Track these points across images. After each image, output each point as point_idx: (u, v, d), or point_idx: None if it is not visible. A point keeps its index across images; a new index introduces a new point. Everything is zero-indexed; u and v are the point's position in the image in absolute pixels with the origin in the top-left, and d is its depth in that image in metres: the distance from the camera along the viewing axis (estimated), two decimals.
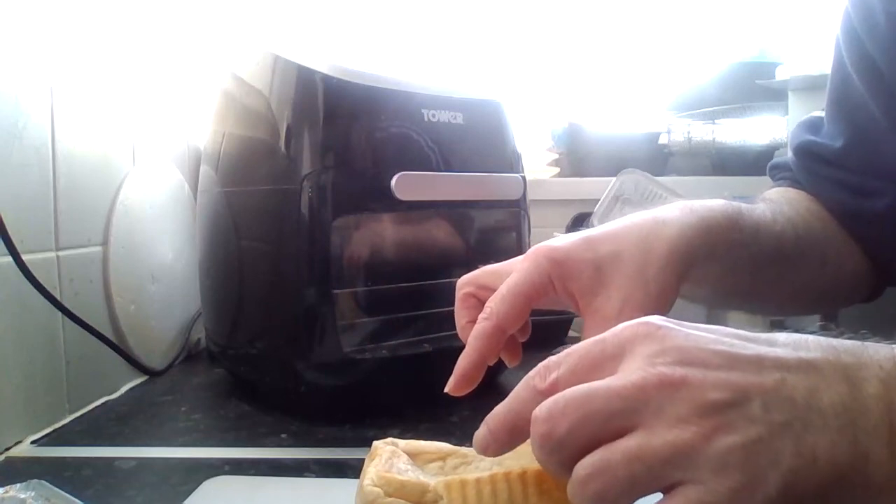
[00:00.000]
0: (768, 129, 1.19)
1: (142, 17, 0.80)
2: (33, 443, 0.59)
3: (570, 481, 0.26)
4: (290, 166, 0.60)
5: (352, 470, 0.50)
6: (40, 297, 0.59)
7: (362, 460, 0.36)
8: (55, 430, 0.62)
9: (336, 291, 0.61)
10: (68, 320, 0.63)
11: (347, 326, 0.62)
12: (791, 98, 1.09)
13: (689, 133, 1.22)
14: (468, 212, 0.71)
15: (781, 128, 1.17)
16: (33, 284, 0.58)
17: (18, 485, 0.38)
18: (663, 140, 1.26)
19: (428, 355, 0.63)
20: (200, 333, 0.86)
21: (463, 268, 0.69)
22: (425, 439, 0.38)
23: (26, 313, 0.59)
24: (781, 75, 1.09)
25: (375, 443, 0.37)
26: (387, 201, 0.60)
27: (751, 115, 1.19)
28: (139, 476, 0.52)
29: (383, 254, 0.66)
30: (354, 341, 0.62)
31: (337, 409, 0.63)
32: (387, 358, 0.62)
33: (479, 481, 0.32)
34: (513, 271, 0.41)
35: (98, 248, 0.71)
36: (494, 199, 0.70)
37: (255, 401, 0.68)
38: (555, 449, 0.27)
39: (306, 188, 0.59)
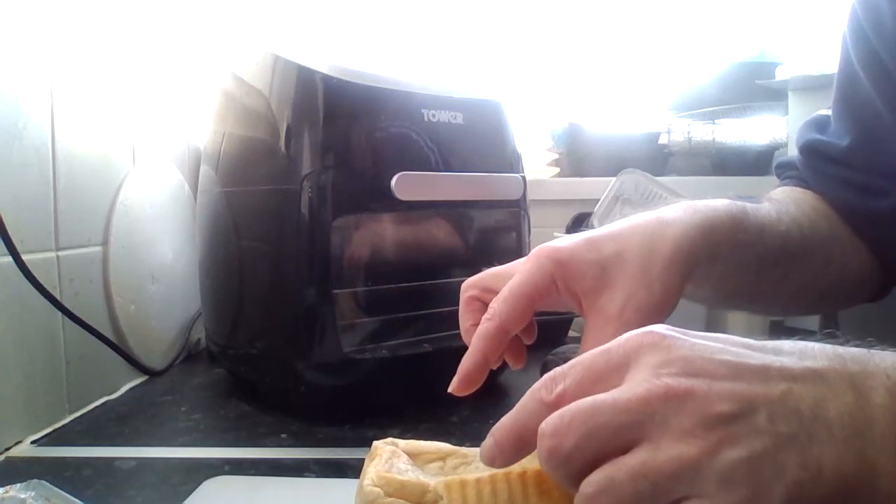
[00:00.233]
0: (768, 129, 1.19)
1: (142, 17, 0.80)
2: (33, 443, 0.59)
3: (576, 498, 0.26)
4: (290, 166, 0.60)
5: (352, 470, 0.50)
6: (40, 297, 0.59)
7: (362, 460, 0.36)
8: (55, 430, 0.62)
9: (336, 291, 0.61)
10: (68, 320, 0.63)
11: (347, 326, 0.62)
12: (791, 98, 1.09)
13: (689, 133, 1.22)
14: (468, 212, 0.71)
15: (781, 128, 1.17)
16: (33, 284, 0.58)
17: (18, 485, 0.38)
18: (663, 140, 1.26)
19: (428, 355, 0.63)
20: (200, 333, 0.86)
21: (463, 268, 0.69)
22: (425, 439, 0.38)
23: (26, 313, 0.59)
24: (781, 75, 1.09)
25: (375, 443, 0.37)
26: (387, 201, 0.60)
27: (751, 115, 1.18)
28: (139, 476, 0.52)
29: (383, 254, 0.66)
30: (354, 341, 0.62)
31: (337, 409, 0.63)
32: (387, 358, 0.62)
33: (479, 481, 0.32)
34: (516, 273, 0.41)
35: (98, 248, 0.71)
36: (494, 199, 0.70)
37: (255, 401, 0.68)
38: (562, 463, 0.27)
39: (306, 188, 0.59)
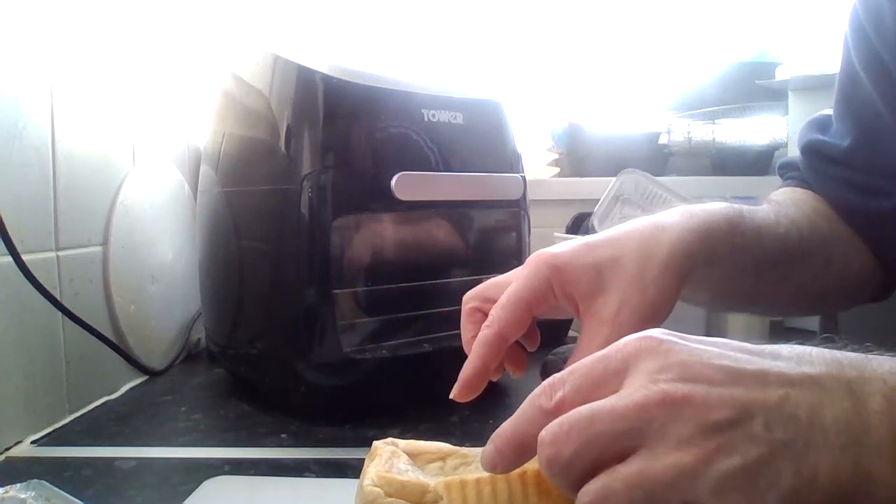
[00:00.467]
0: (768, 129, 1.19)
1: (142, 17, 0.80)
2: (33, 443, 0.59)
3: None
4: (290, 166, 0.60)
5: (352, 470, 0.50)
6: (40, 297, 0.59)
7: (362, 460, 0.36)
8: (55, 430, 0.62)
9: (336, 291, 0.61)
10: (68, 320, 0.63)
11: (347, 326, 0.62)
12: (791, 98, 1.09)
13: (689, 133, 1.22)
14: (468, 212, 0.71)
15: (781, 128, 1.17)
16: (33, 284, 0.58)
17: (18, 485, 0.38)
18: (663, 140, 1.26)
19: (428, 355, 0.63)
20: (200, 333, 0.86)
21: (463, 268, 0.69)
22: (425, 439, 0.38)
23: (26, 313, 0.59)
24: (781, 75, 1.09)
25: (375, 443, 0.37)
26: (387, 201, 0.60)
27: (751, 115, 1.18)
28: (139, 476, 0.52)
29: (383, 254, 0.66)
30: (354, 341, 0.62)
31: (337, 409, 0.63)
32: (387, 358, 0.62)
33: (479, 481, 0.32)
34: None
35: (98, 248, 0.71)
36: (494, 199, 0.70)
37: (255, 401, 0.68)
38: (562, 471, 0.27)
39: (306, 188, 0.59)
